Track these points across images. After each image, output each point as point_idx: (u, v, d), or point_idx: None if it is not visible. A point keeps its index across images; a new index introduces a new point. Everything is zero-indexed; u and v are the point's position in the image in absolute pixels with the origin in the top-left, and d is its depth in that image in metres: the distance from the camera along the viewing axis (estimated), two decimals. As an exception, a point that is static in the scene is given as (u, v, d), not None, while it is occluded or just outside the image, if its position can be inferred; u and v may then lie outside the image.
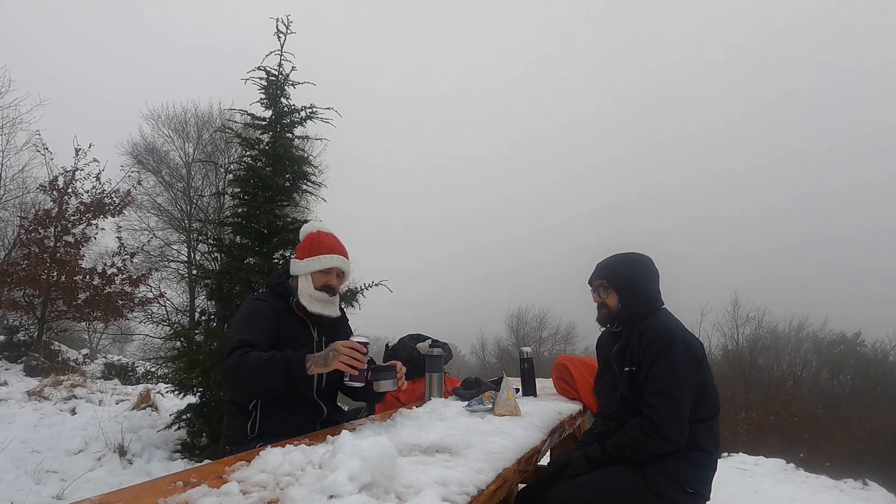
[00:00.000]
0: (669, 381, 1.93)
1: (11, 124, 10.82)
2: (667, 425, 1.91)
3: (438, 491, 1.18)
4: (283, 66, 4.85)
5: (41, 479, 3.60)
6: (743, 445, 10.41)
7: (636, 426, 1.98)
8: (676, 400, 1.92)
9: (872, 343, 23.10)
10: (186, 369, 4.31)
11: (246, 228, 4.70)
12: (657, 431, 1.92)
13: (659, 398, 1.93)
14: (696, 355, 2.02)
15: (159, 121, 15.66)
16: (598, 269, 2.28)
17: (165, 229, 15.34)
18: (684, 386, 1.94)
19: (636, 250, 2.31)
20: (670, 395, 1.92)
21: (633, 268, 2.20)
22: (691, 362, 1.99)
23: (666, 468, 1.95)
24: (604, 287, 2.23)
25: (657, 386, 1.95)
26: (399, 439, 1.66)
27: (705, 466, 2.01)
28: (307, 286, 2.18)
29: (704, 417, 2.02)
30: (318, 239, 2.26)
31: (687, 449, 1.96)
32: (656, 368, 1.96)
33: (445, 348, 3.32)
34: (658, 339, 2.00)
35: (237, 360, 1.88)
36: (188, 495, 1.10)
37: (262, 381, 1.86)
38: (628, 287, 2.16)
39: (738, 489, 5.19)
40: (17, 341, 9.39)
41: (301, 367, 1.86)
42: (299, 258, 2.24)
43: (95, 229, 10.00)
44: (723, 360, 20.50)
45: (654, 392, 1.95)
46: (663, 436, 1.91)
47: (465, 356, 32.03)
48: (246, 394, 2.02)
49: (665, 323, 2.07)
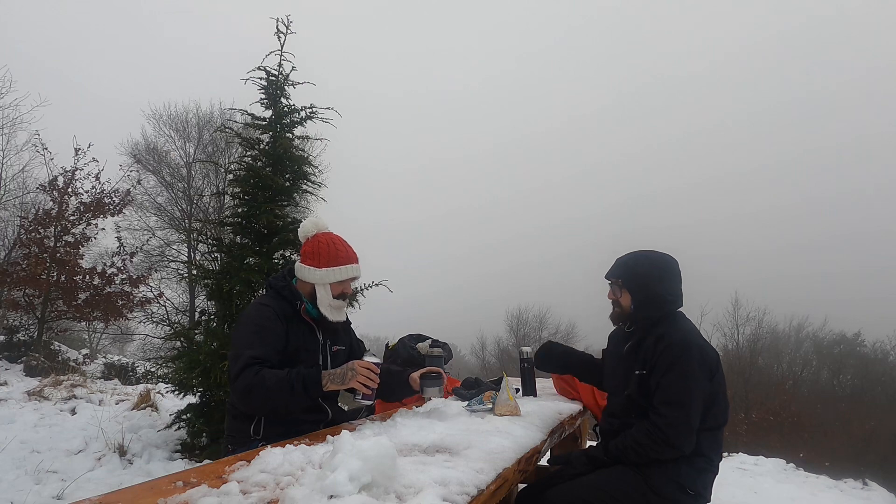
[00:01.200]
0: (681, 390, 1.92)
1: (11, 124, 10.83)
2: (674, 433, 1.90)
3: (438, 491, 1.18)
4: (283, 66, 4.85)
5: (41, 479, 3.60)
6: (743, 445, 10.41)
7: (643, 431, 1.96)
8: (686, 409, 1.91)
9: (872, 343, 23.14)
10: (186, 369, 4.31)
11: (246, 228, 4.70)
12: (664, 439, 1.91)
13: (669, 407, 1.92)
14: (711, 365, 2.00)
15: (160, 120, 15.70)
16: (615, 266, 2.23)
17: (165, 229, 15.35)
18: (695, 396, 1.93)
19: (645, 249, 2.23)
20: (680, 405, 1.91)
21: (650, 269, 2.14)
22: (705, 372, 1.97)
23: (667, 470, 1.95)
24: (618, 285, 2.19)
25: (668, 394, 1.93)
26: (399, 439, 1.66)
27: (707, 470, 2.01)
28: (326, 296, 2.16)
29: (712, 426, 2.01)
30: (333, 246, 2.20)
31: (690, 454, 1.96)
32: (669, 376, 1.94)
33: (445, 348, 3.32)
34: (674, 346, 1.97)
35: (252, 378, 1.87)
36: (188, 495, 1.10)
37: (280, 401, 1.89)
38: (642, 289, 2.12)
39: (738, 489, 5.19)
40: (17, 341, 9.39)
41: (318, 384, 1.89)
42: (315, 265, 2.17)
43: (95, 229, 9.99)
44: (723, 360, 20.42)
45: (664, 400, 1.93)
46: (670, 444, 1.90)
47: (465, 356, 32.01)
48: (264, 413, 2.02)
49: (681, 330, 2.04)
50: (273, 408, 1.95)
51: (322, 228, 2.29)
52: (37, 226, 9.35)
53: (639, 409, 2.07)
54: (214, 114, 15.82)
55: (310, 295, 2.20)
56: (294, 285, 2.21)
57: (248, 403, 1.95)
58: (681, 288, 2.18)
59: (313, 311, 2.20)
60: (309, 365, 2.12)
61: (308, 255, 2.21)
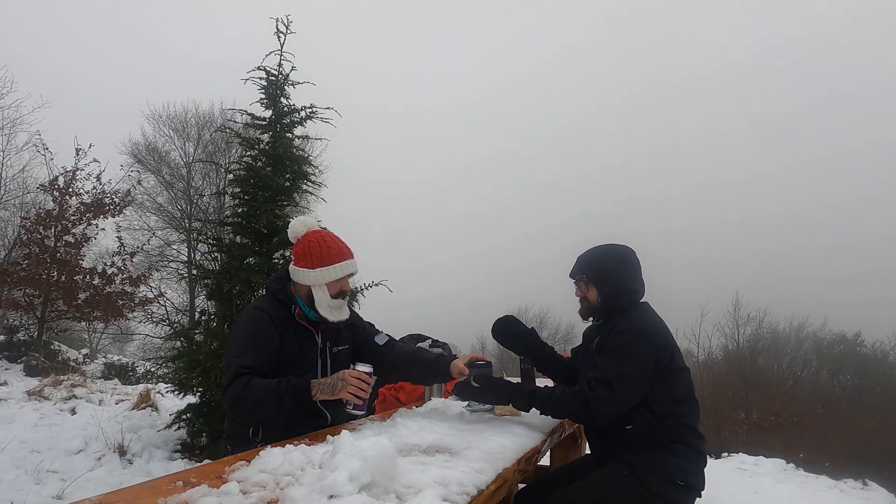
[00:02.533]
0: (617, 372, 1.95)
1: (12, 125, 10.85)
2: (598, 410, 1.93)
3: (438, 491, 1.18)
4: (282, 65, 4.86)
5: (41, 479, 3.61)
6: (743, 445, 10.42)
7: (569, 394, 2.00)
8: (617, 392, 1.93)
9: (872, 343, 23.11)
10: (186, 369, 4.31)
11: (246, 228, 4.71)
12: (586, 409, 1.95)
13: (602, 384, 1.94)
14: (661, 355, 2.01)
15: (160, 120, 15.70)
16: (577, 264, 2.27)
17: (165, 229, 15.36)
18: (629, 381, 1.95)
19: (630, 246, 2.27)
20: (612, 386, 1.93)
21: (612, 261, 2.19)
22: (649, 361, 1.98)
23: (655, 466, 1.95)
24: (584, 282, 2.23)
25: (605, 373, 1.96)
26: (399, 439, 1.66)
27: (692, 458, 2.00)
28: (324, 297, 2.07)
29: (679, 413, 2.01)
30: (324, 244, 2.10)
31: (668, 441, 1.97)
32: (610, 357, 1.99)
33: (445, 348, 3.33)
34: (623, 332, 2.01)
35: (241, 390, 1.85)
36: (188, 495, 1.10)
37: (269, 413, 1.87)
38: (606, 281, 2.16)
39: (738, 489, 5.18)
40: (17, 341, 9.40)
41: (307, 394, 1.86)
42: (308, 267, 2.07)
43: (96, 229, 10.02)
44: (723, 360, 20.52)
45: (599, 377, 1.96)
46: (590, 414, 1.95)
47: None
48: (253, 424, 2.01)
49: (636, 319, 2.07)
50: (262, 419, 1.94)
51: (311, 227, 2.18)
52: (37, 226, 9.36)
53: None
54: (214, 113, 15.85)
55: (307, 297, 2.10)
56: (291, 288, 2.13)
57: (237, 414, 1.94)
58: (641, 276, 2.23)
59: (311, 313, 2.11)
60: (305, 370, 2.08)
61: (300, 256, 2.11)
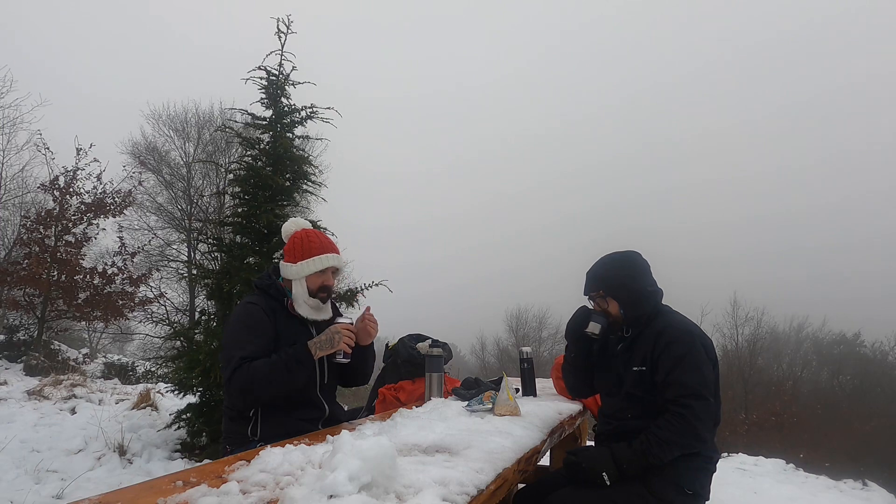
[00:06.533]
0: (699, 381, 1.92)
1: (12, 124, 10.84)
2: (702, 425, 1.89)
3: (438, 491, 1.18)
4: (283, 65, 4.86)
5: (41, 478, 3.60)
6: (743, 445, 10.40)
7: (665, 428, 1.90)
8: (708, 399, 1.92)
9: (872, 343, 23.12)
10: (186, 369, 4.31)
11: (246, 228, 4.71)
12: (693, 431, 1.88)
13: (695, 399, 1.89)
14: (713, 354, 2.03)
15: (160, 120, 15.70)
16: (589, 281, 2.24)
17: (165, 229, 15.35)
18: (711, 385, 1.95)
19: (632, 249, 2.27)
20: (703, 396, 1.90)
21: (623, 268, 2.17)
22: (711, 361, 2.00)
23: (664, 471, 1.94)
24: (601, 297, 2.20)
25: (689, 387, 1.91)
26: (399, 439, 1.66)
27: (705, 469, 2.01)
28: (301, 292, 2.15)
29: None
30: (306, 239, 2.20)
31: (689, 454, 1.95)
32: (682, 369, 1.93)
33: (445, 348, 3.32)
34: (679, 339, 1.98)
35: (246, 375, 1.89)
36: (188, 495, 1.10)
37: (281, 384, 1.93)
38: (623, 289, 2.13)
39: (738, 489, 5.18)
40: (17, 341, 9.40)
41: (309, 356, 1.97)
42: (291, 261, 2.18)
43: (96, 229, 10.01)
44: (723, 360, 20.46)
45: (685, 393, 1.91)
46: (699, 437, 1.89)
47: (465, 356, 32.00)
48: (263, 403, 2.03)
49: (681, 322, 2.07)
50: (276, 393, 1.97)
51: (302, 226, 2.29)
52: (38, 225, 9.35)
53: (639, 406, 2.06)
54: (214, 113, 15.85)
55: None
56: (280, 283, 2.22)
57: (250, 398, 1.95)
58: (653, 276, 2.21)
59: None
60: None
61: (287, 252, 2.22)
